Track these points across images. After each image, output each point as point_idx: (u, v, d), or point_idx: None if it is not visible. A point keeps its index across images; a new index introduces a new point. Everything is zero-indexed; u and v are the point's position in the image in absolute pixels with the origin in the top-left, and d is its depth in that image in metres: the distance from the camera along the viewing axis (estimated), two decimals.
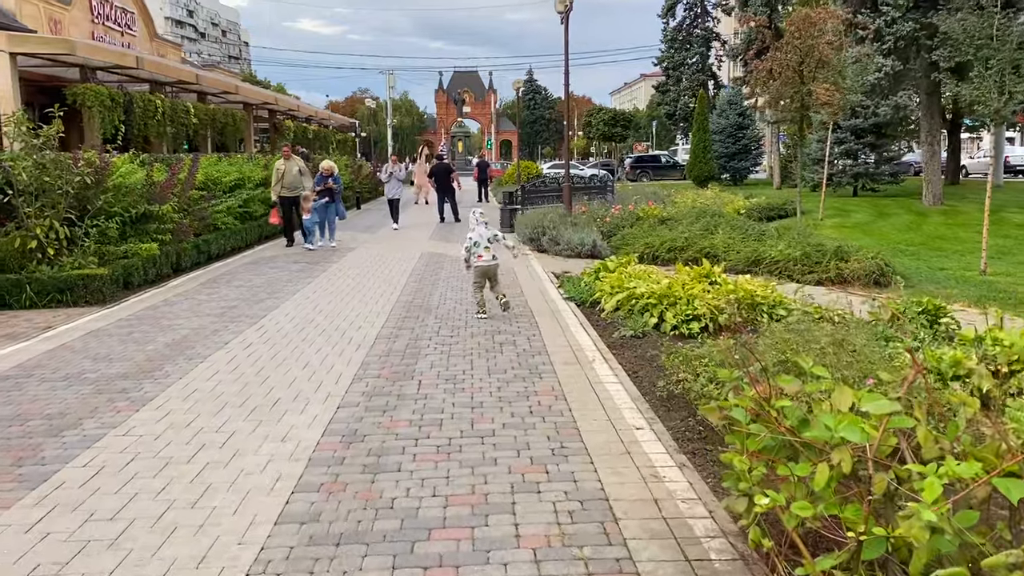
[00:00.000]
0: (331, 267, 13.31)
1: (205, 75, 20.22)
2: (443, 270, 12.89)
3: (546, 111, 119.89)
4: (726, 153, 39.93)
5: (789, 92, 15.79)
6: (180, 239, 12.79)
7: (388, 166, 21.55)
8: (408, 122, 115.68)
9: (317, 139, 31.85)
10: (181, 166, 13.42)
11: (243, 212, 16.98)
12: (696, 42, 48.05)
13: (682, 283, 8.74)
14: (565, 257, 14.36)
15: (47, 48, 14.13)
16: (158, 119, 16.26)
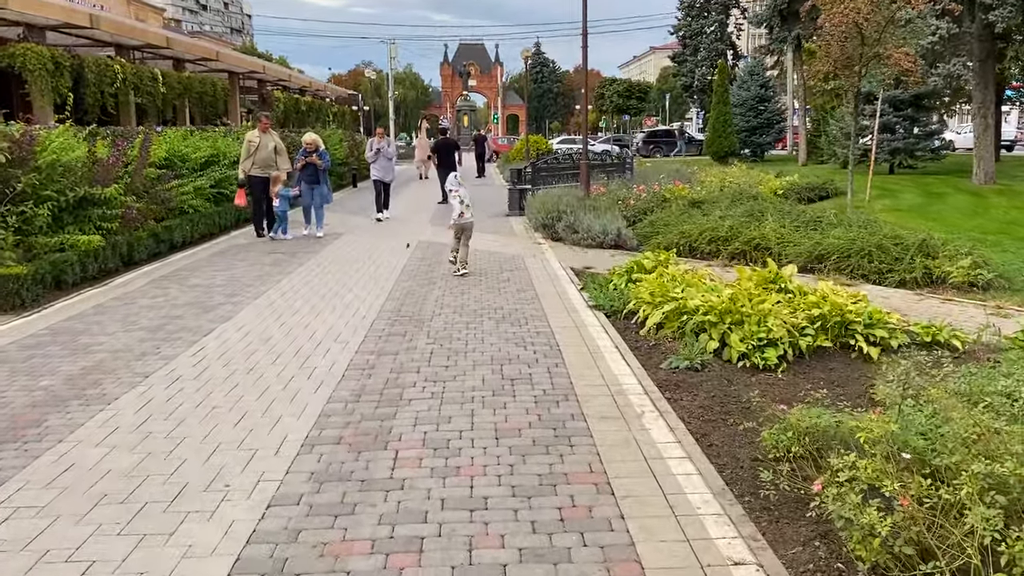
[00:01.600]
0: (309, 261, 11.32)
1: (179, 39, 18.13)
2: (441, 265, 10.90)
3: (554, 84, 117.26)
4: (747, 127, 37.67)
5: (856, 55, 13.63)
6: (132, 227, 10.81)
7: (373, 141, 17.26)
8: (413, 96, 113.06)
9: (312, 112, 29.77)
10: (133, 141, 11.38)
11: (217, 193, 14.99)
12: (715, 9, 45.58)
13: (747, 292, 6.72)
14: (584, 248, 12.34)
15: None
16: (118, 87, 14.23)
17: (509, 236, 13.91)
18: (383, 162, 16.83)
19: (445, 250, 12.23)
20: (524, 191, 17.45)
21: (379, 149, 16.87)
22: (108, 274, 10.28)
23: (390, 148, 17.25)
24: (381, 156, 16.79)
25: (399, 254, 11.92)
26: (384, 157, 16.82)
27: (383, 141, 17.10)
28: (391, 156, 17.17)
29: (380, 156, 16.79)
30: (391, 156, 17.17)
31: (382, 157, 16.80)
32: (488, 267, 10.65)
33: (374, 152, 16.85)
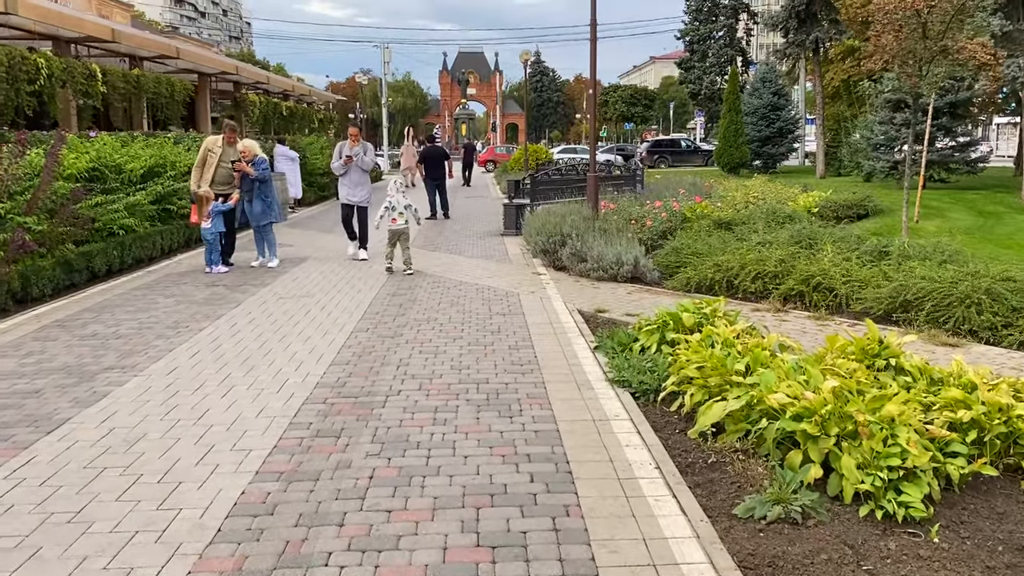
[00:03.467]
0: (250, 299, 9.05)
1: (130, 32, 15.89)
2: (416, 305, 8.63)
3: (554, 93, 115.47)
4: (759, 137, 35.46)
5: (919, 49, 11.39)
6: (21, 254, 8.52)
7: (343, 146, 11.98)
8: (411, 104, 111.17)
9: (295, 118, 27.54)
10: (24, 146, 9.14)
11: (161, 210, 12.73)
12: (724, 13, 43.49)
13: (852, 380, 4.46)
14: (594, 280, 10.08)
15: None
16: (41, 84, 11.97)
17: (503, 263, 11.66)
18: (355, 176, 11.89)
19: (422, 282, 9.99)
20: (522, 207, 15.21)
21: (353, 156, 11.83)
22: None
23: (367, 156, 11.96)
24: (353, 168, 11.84)
25: (366, 286, 9.67)
26: (357, 169, 11.89)
27: (357, 146, 11.84)
28: (367, 167, 12.00)
29: (352, 168, 11.85)
30: (367, 167, 12.00)
31: (354, 169, 11.85)
32: (475, 308, 8.39)
33: (342, 161, 11.81)
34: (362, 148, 11.90)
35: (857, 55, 38.62)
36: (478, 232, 15.76)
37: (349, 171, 11.85)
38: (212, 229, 11.19)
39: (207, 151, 11.57)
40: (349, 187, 11.96)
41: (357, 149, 11.81)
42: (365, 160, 11.92)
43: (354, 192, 11.94)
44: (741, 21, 44.37)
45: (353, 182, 11.94)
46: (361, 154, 11.84)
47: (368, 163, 12.03)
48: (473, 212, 20.13)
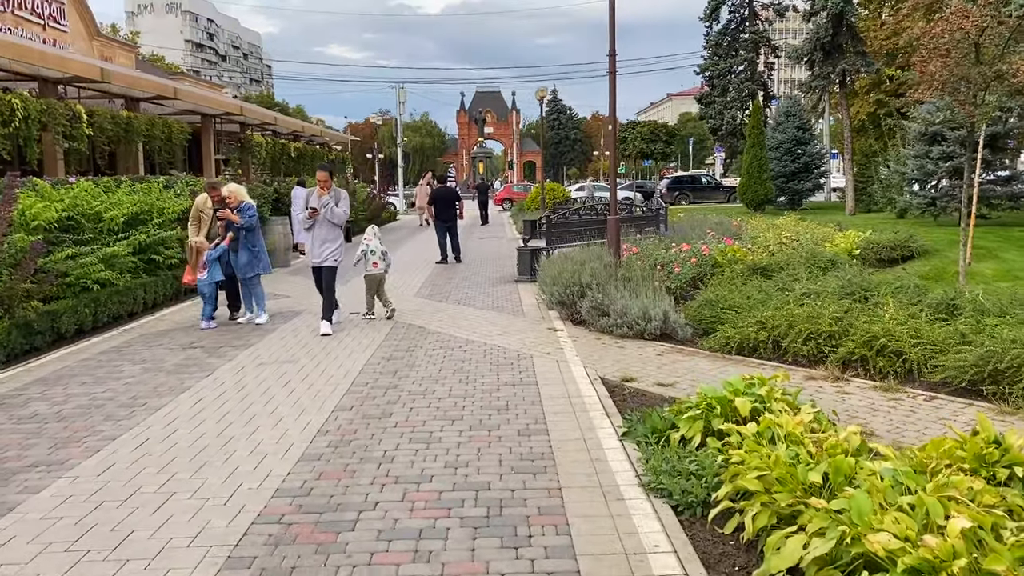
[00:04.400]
0: (225, 365, 7.95)
1: (121, 71, 15.08)
2: (413, 372, 7.49)
3: (571, 131, 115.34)
4: (783, 172, 34.30)
5: (973, 75, 10.25)
6: None
7: (309, 194, 9.79)
8: (429, 143, 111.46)
9: (304, 159, 26.76)
10: None
11: (147, 261, 11.76)
12: (744, 47, 42.60)
13: (983, 513, 3.25)
14: (618, 338, 8.90)
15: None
16: (16, 126, 11.09)
17: (515, 316, 10.51)
18: (323, 231, 9.58)
19: (423, 341, 8.86)
20: (537, 251, 14.10)
21: (325, 205, 9.43)
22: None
23: (339, 207, 9.53)
24: (321, 221, 9.49)
25: (360, 347, 8.54)
26: (326, 222, 9.53)
27: (327, 195, 9.47)
28: (338, 220, 9.59)
29: (320, 221, 9.50)
30: (338, 220, 9.59)
31: (322, 223, 9.51)
32: (481, 377, 7.23)
33: (306, 213, 9.53)
34: (333, 197, 9.52)
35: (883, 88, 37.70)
36: (490, 278, 14.66)
37: (316, 225, 9.56)
38: (208, 279, 10.19)
39: (198, 211, 10.68)
40: (315, 244, 9.69)
41: (327, 199, 9.45)
42: (336, 212, 9.51)
43: (321, 250, 9.66)
44: (762, 55, 43.45)
45: (320, 238, 9.63)
46: (331, 204, 9.47)
47: (340, 215, 9.59)
48: (486, 254, 19.07)
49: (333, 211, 9.51)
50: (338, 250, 9.76)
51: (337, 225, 9.66)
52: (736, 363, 7.58)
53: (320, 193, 9.52)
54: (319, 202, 9.48)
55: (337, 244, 9.75)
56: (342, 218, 9.67)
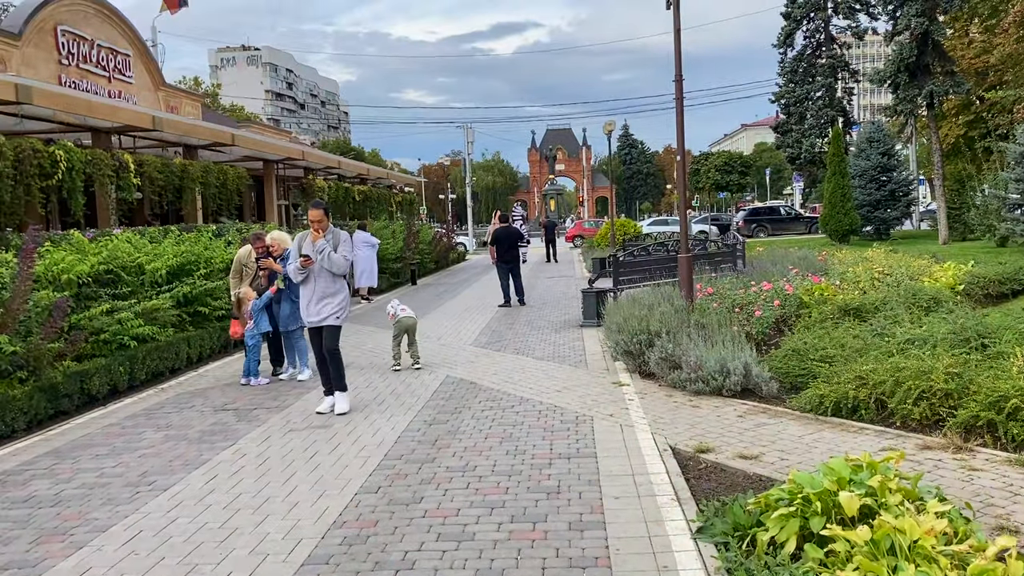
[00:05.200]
0: (252, 431, 7.19)
1: (172, 119, 14.86)
2: (456, 440, 6.59)
3: (643, 165, 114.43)
4: (868, 201, 32.49)
5: None
6: None
7: (301, 239, 7.85)
8: (500, 182, 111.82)
9: (369, 202, 26.48)
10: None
11: (192, 313, 11.28)
12: (821, 73, 40.96)
13: None
14: (692, 394, 7.83)
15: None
16: (60, 178, 10.79)
17: (577, 368, 9.53)
18: (322, 283, 7.67)
19: (473, 400, 7.97)
20: (602, 294, 13.12)
21: (307, 257, 7.58)
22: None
23: (338, 253, 7.65)
24: (319, 272, 7.64)
25: (401, 409, 7.69)
26: (325, 273, 7.65)
27: (322, 239, 7.60)
28: (338, 270, 7.67)
29: (317, 272, 7.65)
30: (338, 270, 7.67)
31: (320, 274, 7.64)
32: (531, 446, 6.28)
33: (298, 263, 7.65)
34: (329, 241, 7.63)
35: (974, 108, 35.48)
36: (554, 322, 13.72)
37: (310, 276, 7.66)
38: (255, 330, 9.56)
39: (241, 265, 10.13)
40: (312, 300, 7.68)
41: (323, 243, 7.56)
42: (335, 259, 7.57)
43: (319, 307, 7.66)
44: (840, 80, 41.67)
45: (318, 292, 7.65)
46: (328, 250, 7.56)
47: (340, 263, 7.62)
48: (552, 296, 18.15)
49: (331, 258, 7.59)
50: (341, 306, 7.75)
51: (338, 275, 7.76)
52: (833, 427, 6.44)
53: (314, 237, 7.66)
54: (313, 248, 7.61)
55: (340, 299, 7.77)
56: (343, 266, 7.71)
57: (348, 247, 7.83)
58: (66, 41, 17.59)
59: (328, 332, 7.75)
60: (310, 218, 7.75)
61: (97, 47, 18.74)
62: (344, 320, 7.86)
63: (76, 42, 17.91)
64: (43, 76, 16.62)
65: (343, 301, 7.83)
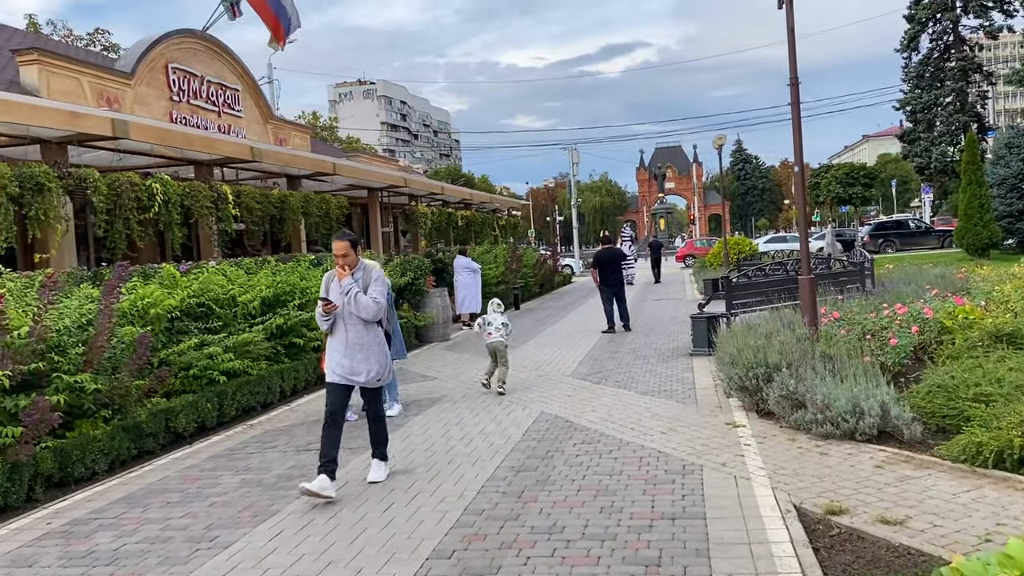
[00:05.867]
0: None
1: (271, 150, 14.89)
2: (544, 493, 5.87)
3: (758, 180, 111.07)
4: (1009, 212, 29.87)
5: None
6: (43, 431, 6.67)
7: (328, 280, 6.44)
8: (608, 202, 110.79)
9: (472, 226, 26.23)
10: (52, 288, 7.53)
11: (288, 344, 11.06)
12: (951, 77, 38.30)
13: None
14: (819, 439, 6.83)
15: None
16: (157, 211, 10.79)
17: (685, 404, 8.64)
18: (353, 332, 6.26)
19: (567, 443, 7.23)
20: (714, 320, 12.13)
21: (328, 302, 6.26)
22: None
23: (369, 294, 6.23)
24: (346, 318, 6.25)
25: (488, 452, 7.03)
26: (355, 320, 6.25)
27: (348, 277, 6.22)
28: (369, 314, 6.22)
29: (345, 318, 6.26)
30: (369, 314, 6.22)
31: (349, 320, 6.26)
32: (629, 503, 5.49)
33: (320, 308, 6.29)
34: (358, 280, 6.21)
35: None
36: (661, 350, 12.82)
37: (338, 324, 6.27)
38: None
39: (327, 287, 9.79)
40: (342, 351, 6.23)
41: (349, 282, 6.15)
42: (361, 302, 6.13)
43: (352, 360, 6.20)
44: (972, 84, 38.85)
45: (350, 343, 6.21)
46: (354, 291, 6.13)
47: (370, 308, 6.15)
48: (659, 320, 17.18)
49: (358, 301, 6.12)
50: (380, 362, 6.31)
51: (369, 320, 6.25)
52: (995, 483, 5.36)
53: (340, 275, 6.22)
54: (339, 288, 6.20)
55: (376, 352, 6.29)
56: (374, 310, 6.17)
57: (381, 287, 6.32)
58: (177, 78, 18.08)
59: (366, 396, 6.49)
60: (334, 252, 6.32)
61: (207, 83, 19.22)
62: (386, 380, 6.49)
63: (186, 79, 18.40)
64: (155, 113, 17.08)
65: (381, 356, 6.34)
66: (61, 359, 7.23)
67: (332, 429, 6.24)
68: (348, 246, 6.26)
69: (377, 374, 6.37)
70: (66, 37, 36.30)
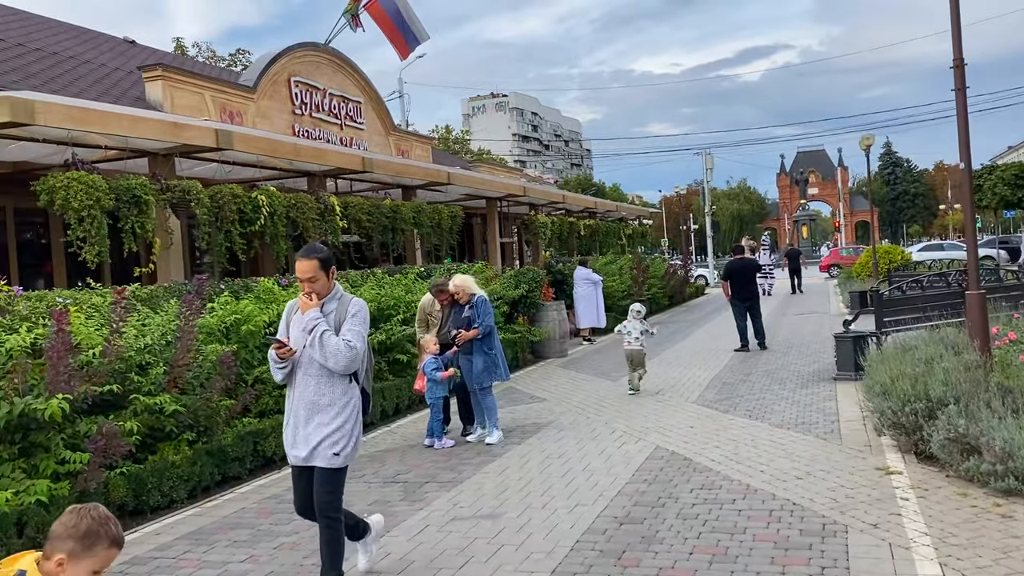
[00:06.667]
0: (407, 520, 5.97)
1: (382, 160, 14.53)
2: (649, 553, 4.90)
3: (910, 185, 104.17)
4: None
5: None
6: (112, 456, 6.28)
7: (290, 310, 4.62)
8: (747, 209, 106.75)
9: (596, 236, 25.29)
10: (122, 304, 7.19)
11: (391, 361, 10.56)
12: None
13: None
14: (999, 494, 5.50)
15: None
16: (262, 223, 10.52)
17: (826, 441, 7.39)
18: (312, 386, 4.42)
19: (682, 486, 6.22)
20: (862, 339, 10.69)
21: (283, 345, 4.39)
22: None
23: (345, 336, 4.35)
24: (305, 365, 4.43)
25: (591, 495, 6.11)
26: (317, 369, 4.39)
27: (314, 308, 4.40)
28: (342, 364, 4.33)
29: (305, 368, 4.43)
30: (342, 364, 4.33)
31: (308, 368, 4.41)
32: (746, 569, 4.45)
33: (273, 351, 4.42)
34: (330, 311, 4.46)
35: None
36: (800, 373, 11.47)
37: (296, 373, 4.51)
38: (432, 394, 8.54)
39: (425, 314, 9.26)
40: (298, 416, 4.49)
41: (313, 315, 4.38)
42: (329, 345, 4.32)
43: (306, 431, 4.45)
44: None
45: (305, 403, 4.45)
46: (319, 329, 4.34)
47: (340, 353, 4.31)
48: (799, 337, 15.65)
49: (325, 343, 4.30)
50: (343, 431, 4.43)
51: (335, 368, 4.35)
52: None
53: (303, 306, 4.42)
54: (301, 322, 4.41)
55: (342, 416, 4.43)
56: (346, 357, 4.30)
57: (360, 326, 4.38)
58: (299, 91, 18.17)
59: (320, 478, 4.38)
60: (297, 275, 4.42)
61: (329, 96, 19.27)
62: (350, 458, 4.46)
63: (309, 92, 18.48)
64: (277, 126, 17.18)
65: (347, 425, 4.41)
66: (142, 379, 6.91)
67: (321, 533, 4.52)
68: (316, 266, 4.36)
69: (337, 449, 4.36)
70: (209, 59, 38.07)
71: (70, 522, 2.43)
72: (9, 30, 15.43)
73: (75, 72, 14.45)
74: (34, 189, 8.04)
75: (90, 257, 8.17)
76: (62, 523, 2.44)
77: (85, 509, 2.47)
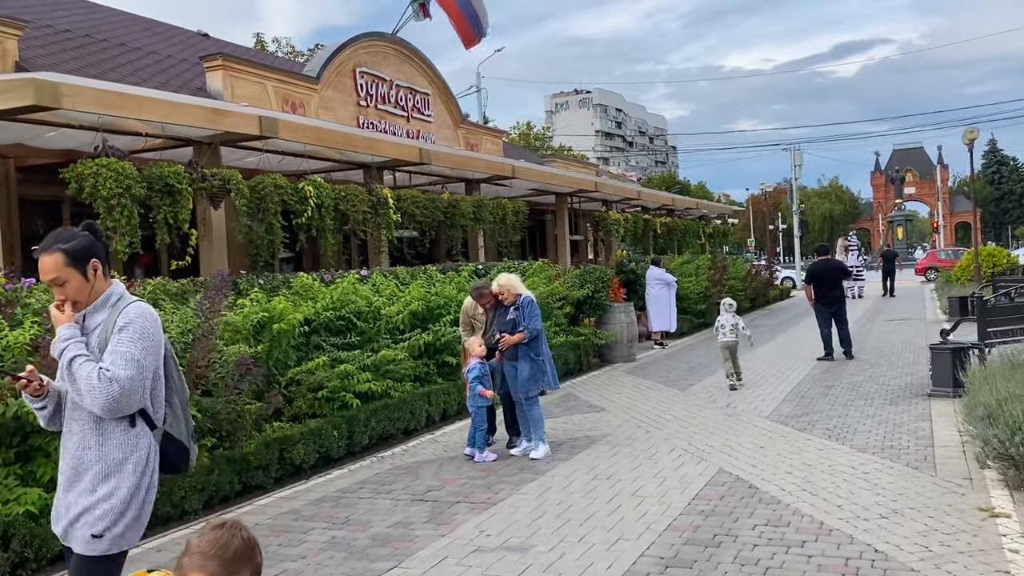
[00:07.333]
0: (424, 549, 5.27)
1: (440, 151, 13.93)
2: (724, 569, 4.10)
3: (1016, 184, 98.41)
4: None
5: None
6: None
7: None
8: (839, 209, 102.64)
9: (673, 233, 24.21)
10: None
11: (440, 364, 9.96)
12: None
13: None
14: None
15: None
16: (309, 216, 10.05)
17: (917, 472, 6.38)
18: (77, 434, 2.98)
19: (743, 521, 5.35)
20: (962, 352, 9.50)
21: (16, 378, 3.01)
22: None
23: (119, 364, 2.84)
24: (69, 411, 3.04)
25: (636, 529, 5.32)
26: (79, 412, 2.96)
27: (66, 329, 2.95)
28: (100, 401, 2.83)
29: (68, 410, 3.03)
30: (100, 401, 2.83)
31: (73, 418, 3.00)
32: None
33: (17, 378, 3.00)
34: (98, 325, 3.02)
35: None
36: (889, 388, 10.34)
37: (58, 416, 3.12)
38: (474, 402, 7.87)
39: (469, 318, 8.62)
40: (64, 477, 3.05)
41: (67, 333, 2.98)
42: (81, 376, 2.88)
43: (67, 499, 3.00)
44: None
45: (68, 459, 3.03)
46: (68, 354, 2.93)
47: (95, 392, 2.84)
48: (890, 346, 14.35)
49: (75, 374, 2.91)
50: (110, 503, 2.91)
51: (111, 415, 2.92)
52: None
53: (55, 319, 3.03)
54: (54, 346, 3.00)
55: (112, 482, 2.94)
56: (104, 393, 2.84)
57: (131, 341, 2.92)
58: (364, 82, 17.78)
59: (74, 567, 2.99)
60: (41, 277, 3.02)
61: (396, 87, 18.83)
62: (121, 544, 2.94)
63: (374, 83, 18.07)
64: (341, 118, 16.80)
65: (122, 488, 2.93)
66: None
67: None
68: (61, 262, 2.96)
69: (98, 529, 2.91)
70: (288, 54, 38.43)
71: (219, 540, 1.97)
72: (80, 23, 15.50)
73: (139, 63, 14.35)
74: (63, 176, 7.72)
75: (120, 248, 7.80)
76: (208, 540, 1.98)
77: (236, 527, 2.02)
